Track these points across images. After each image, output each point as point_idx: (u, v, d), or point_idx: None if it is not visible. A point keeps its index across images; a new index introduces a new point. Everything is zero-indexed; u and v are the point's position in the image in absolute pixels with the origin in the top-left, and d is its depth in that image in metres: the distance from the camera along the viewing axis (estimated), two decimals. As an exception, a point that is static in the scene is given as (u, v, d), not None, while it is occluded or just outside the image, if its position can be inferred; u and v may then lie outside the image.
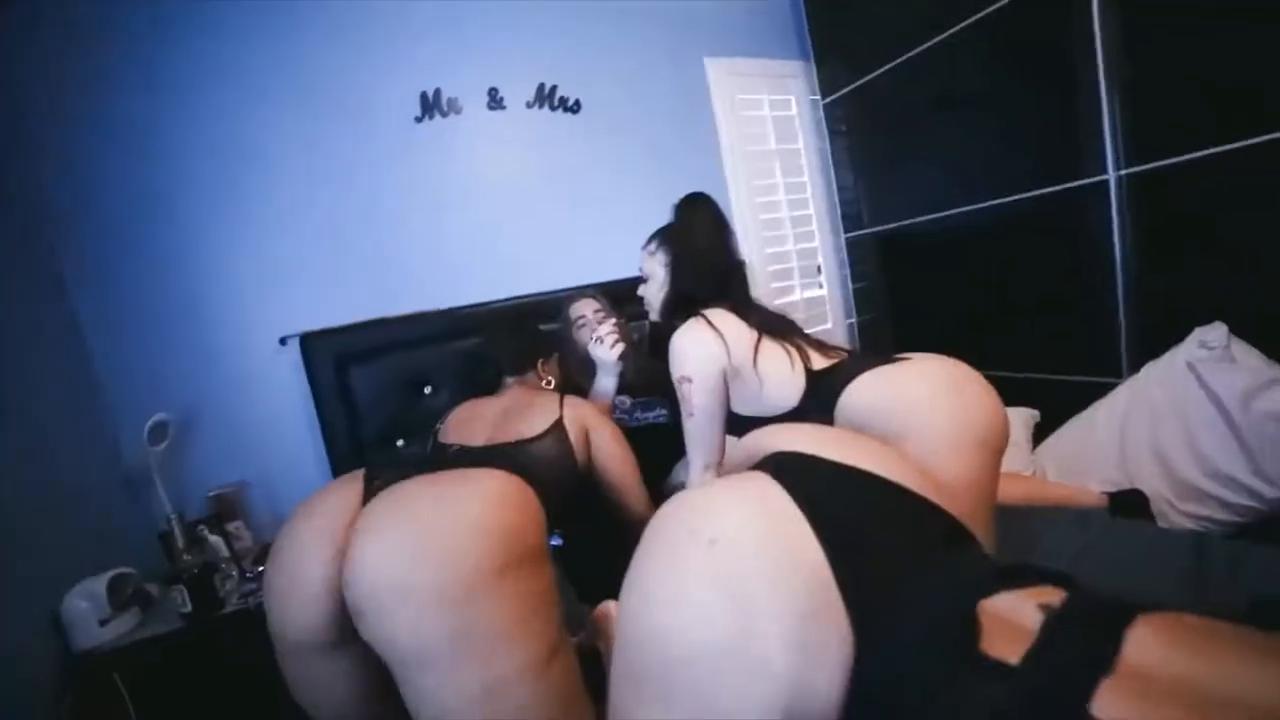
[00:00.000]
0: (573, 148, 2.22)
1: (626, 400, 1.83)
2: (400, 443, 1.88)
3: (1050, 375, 2.00)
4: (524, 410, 1.32)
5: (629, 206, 2.29)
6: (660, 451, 1.72)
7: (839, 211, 2.63)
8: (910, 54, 2.15)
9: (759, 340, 1.28)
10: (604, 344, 1.64)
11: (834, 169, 2.60)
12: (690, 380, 1.27)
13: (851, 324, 2.78)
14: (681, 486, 1.56)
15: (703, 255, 1.40)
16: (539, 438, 1.25)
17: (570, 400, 1.37)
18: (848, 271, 2.69)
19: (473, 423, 1.35)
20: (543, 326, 1.92)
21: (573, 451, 1.28)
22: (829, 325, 2.74)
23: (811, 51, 2.54)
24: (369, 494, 1.00)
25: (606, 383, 1.68)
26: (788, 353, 1.28)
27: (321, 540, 0.92)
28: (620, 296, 2.04)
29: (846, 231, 2.63)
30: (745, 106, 2.53)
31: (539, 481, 1.04)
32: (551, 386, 1.53)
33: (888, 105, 2.33)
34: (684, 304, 1.38)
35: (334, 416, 1.81)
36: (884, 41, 2.24)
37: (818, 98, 2.58)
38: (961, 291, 2.24)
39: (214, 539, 1.55)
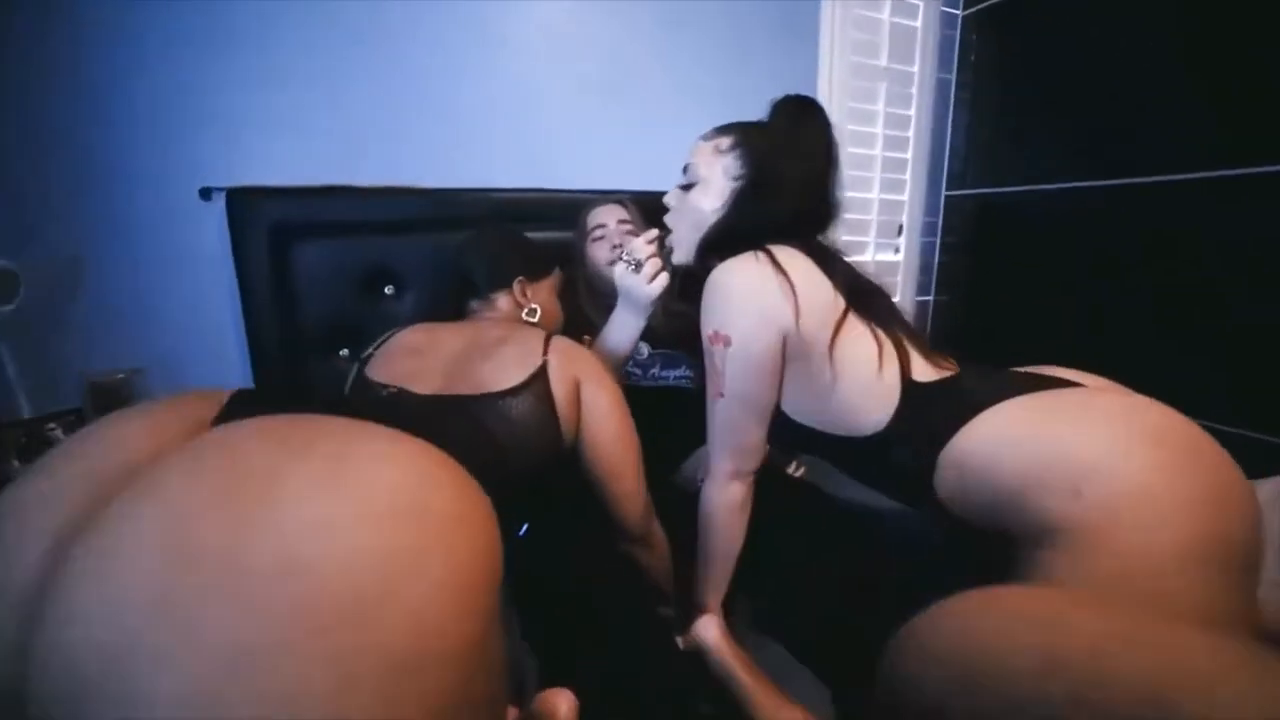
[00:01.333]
0: (632, 16, 1.67)
1: (644, 348, 1.39)
2: (343, 352, 1.46)
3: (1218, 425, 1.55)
4: (494, 349, 0.90)
5: (686, 103, 1.78)
6: (675, 426, 1.30)
7: (946, 162, 2.10)
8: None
9: (845, 312, 0.85)
10: (637, 269, 1.07)
11: (954, 107, 2.05)
12: (728, 340, 0.85)
13: (925, 303, 2.29)
14: (695, 486, 1.15)
15: (797, 185, 0.94)
16: (513, 392, 0.84)
17: (558, 343, 0.94)
18: (937, 239, 2.18)
19: (421, 356, 0.92)
20: (533, 235, 1.47)
21: (557, 417, 0.87)
22: (896, 299, 2.26)
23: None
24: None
25: (628, 326, 1.15)
26: (878, 344, 0.85)
27: (41, 524, 0.45)
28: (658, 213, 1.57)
29: (949, 189, 2.10)
30: (862, 3, 1.96)
31: (508, 456, 0.79)
32: (535, 318, 1.09)
33: (1051, 28, 1.76)
34: (737, 241, 0.93)
35: (262, 303, 1.38)
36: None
37: (955, 10, 2.00)
38: (1091, 288, 1.75)
39: (65, 440, 1.15)
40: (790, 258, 0.87)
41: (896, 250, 2.25)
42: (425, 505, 0.44)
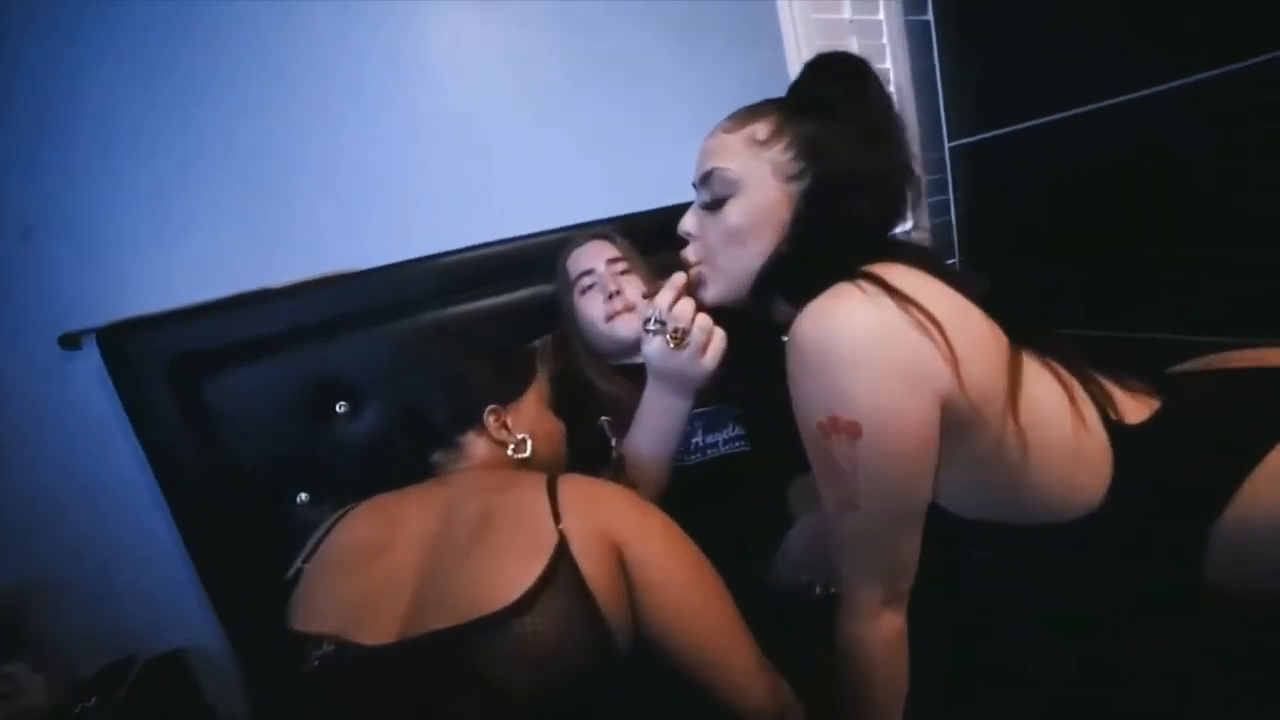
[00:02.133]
0: (556, 22, 1.40)
1: None
2: (302, 498, 1.13)
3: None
4: (480, 534, 0.59)
5: (648, 98, 1.50)
6: (743, 508, 1.00)
7: (942, 112, 1.85)
8: None
9: (1014, 350, 0.60)
10: (679, 340, 0.75)
11: (937, 49, 1.81)
12: (855, 429, 0.56)
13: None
14: (800, 589, 0.85)
15: (883, 172, 0.66)
16: (525, 603, 0.53)
17: (572, 491, 0.63)
18: (949, 196, 1.92)
19: (370, 568, 0.61)
20: (508, 297, 1.19)
21: (600, 613, 0.56)
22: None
23: None
24: None
25: (671, 413, 0.85)
26: (1062, 384, 0.60)
27: None
28: (652, 236, 1.28)
29: (952, 140, 1.85)
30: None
31: (537, 699, 0.52)
32: (526, 451, 0.76)
33: None
34: (817, 268, 0.63)
35: (177, 462, 1.05)
36: None
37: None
38: (1132, 224, 1.51)
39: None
40: (909, 279, 0.58)
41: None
42: None
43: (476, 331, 0.91)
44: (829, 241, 0.65)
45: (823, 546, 0.89)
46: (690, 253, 0.76)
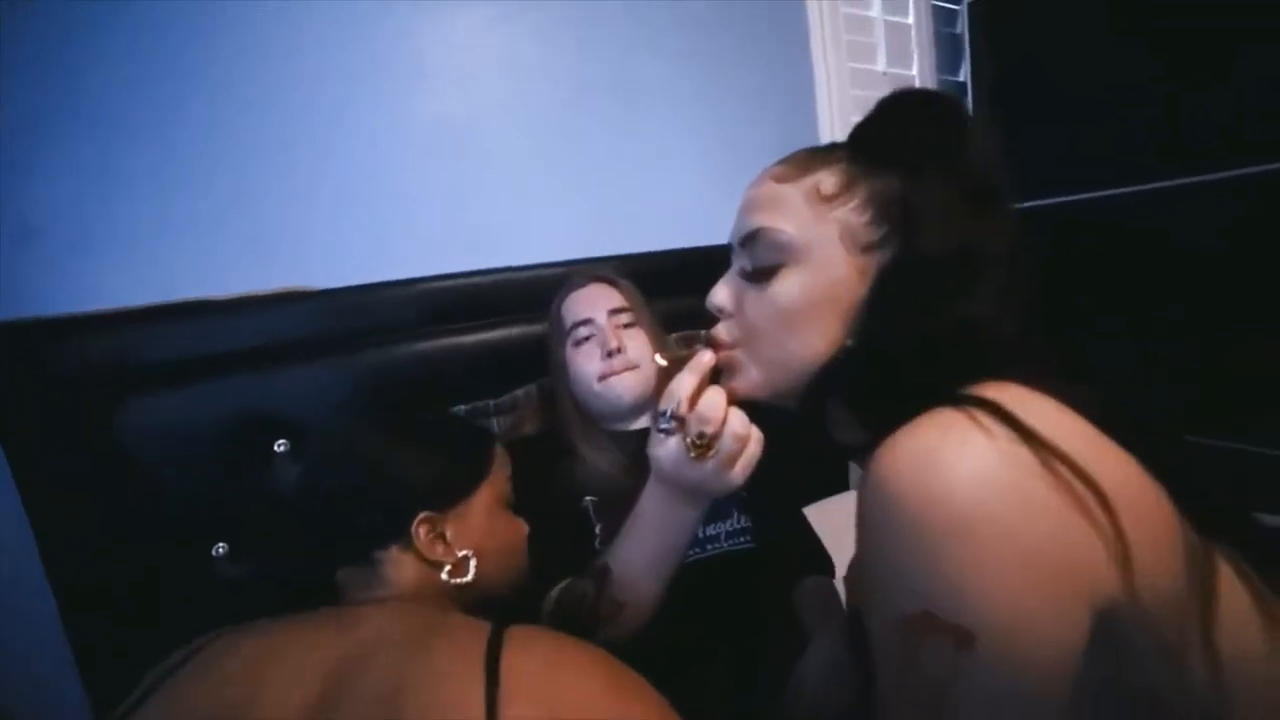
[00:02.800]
0: (574, 22, 1.28)
1: None
2: (220, 549, 0.94)
3: None
4: (370, 713, 0.40)
5: (666, 138, 1.39)
6: (746, 618, 0.84)
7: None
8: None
9: (1202, 539, 0.40)
10: (702, 448, 0.56)
11: (973, 111, 1.73)
12: (965, 637, 0.36)
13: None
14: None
15: (1011, 267, 0.49)
16: None
17: (519, 658, 0.42)
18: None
19: None
20: (491, 335, 1.04)
21: None
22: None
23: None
24: None
25: (678, 523, 0.66)
26: (1249, 585, 0.41)
27: None
28: (656, 278, 1.14)
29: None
30: (849, 1, 1.63)
31: None
32: (467, 575, 0.58)
33: (1075, 15, 1.47)
34: (909, 383, 0.47)
35: (70, 500, 0.87)
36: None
37: (956, 4, 1.70)
38: (1157, 300, 1.41)
39: None
40: (1041, 411, 0.41)
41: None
42: None
43: (425, 409, 0.71)
44: (919, 342, 0.47)
45: (844, 682, 0.73)
46: (723, 332, 0.58)
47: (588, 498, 0.86)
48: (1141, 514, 0.38)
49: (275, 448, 0.97)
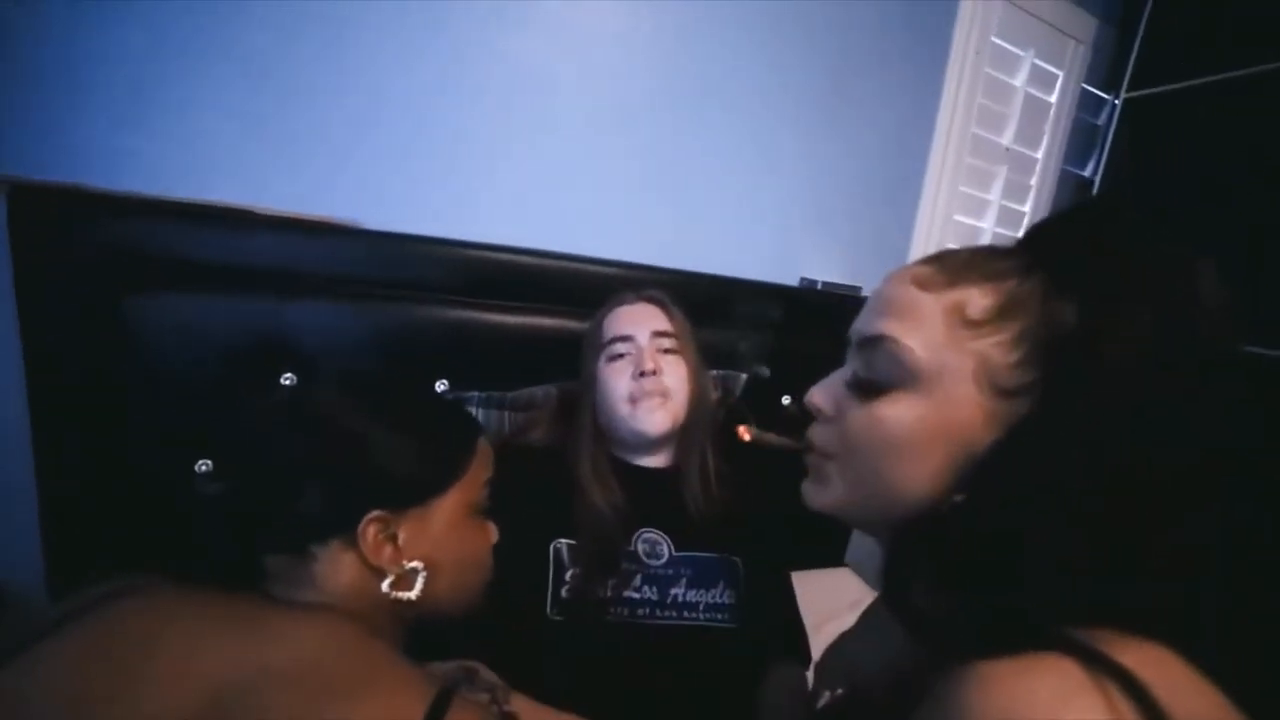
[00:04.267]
0: (702, 26, 1.18)
1: (663, 547, 0.85)
2: (203, 467, 0.91)
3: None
4: None
5: (762, 165, 1.29)
6: (705, 694, 0.78)
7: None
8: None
9: None
10: None
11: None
12: None
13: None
14: None
15: (1198, 485, 0.37)
16: None
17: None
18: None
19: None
20: (524, 321, 0.99)
21: None
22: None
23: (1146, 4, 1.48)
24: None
25: None
26: None
27: None
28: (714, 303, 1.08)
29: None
30: (996, 61, 1.50)
31: None
32: (413, 592, 0.50)
33: (1228, 127, 1.32)
34: (1021, 610, 0.36)
35: (65, 373, 0.84)
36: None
37: (1110, 95, 1.55)
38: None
39: None
40: (1171, 679, 0.32)
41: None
42: None
43: (410, 385, 0.61)
44: (1042, 531, 0.37)
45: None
46: (819, 435, 0.50)
47: (563, 540, 0.80)
48: None
49: (281, 379, 0.93)
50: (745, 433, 0.64)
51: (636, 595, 0.79)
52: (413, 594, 0.50)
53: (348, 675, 0.39)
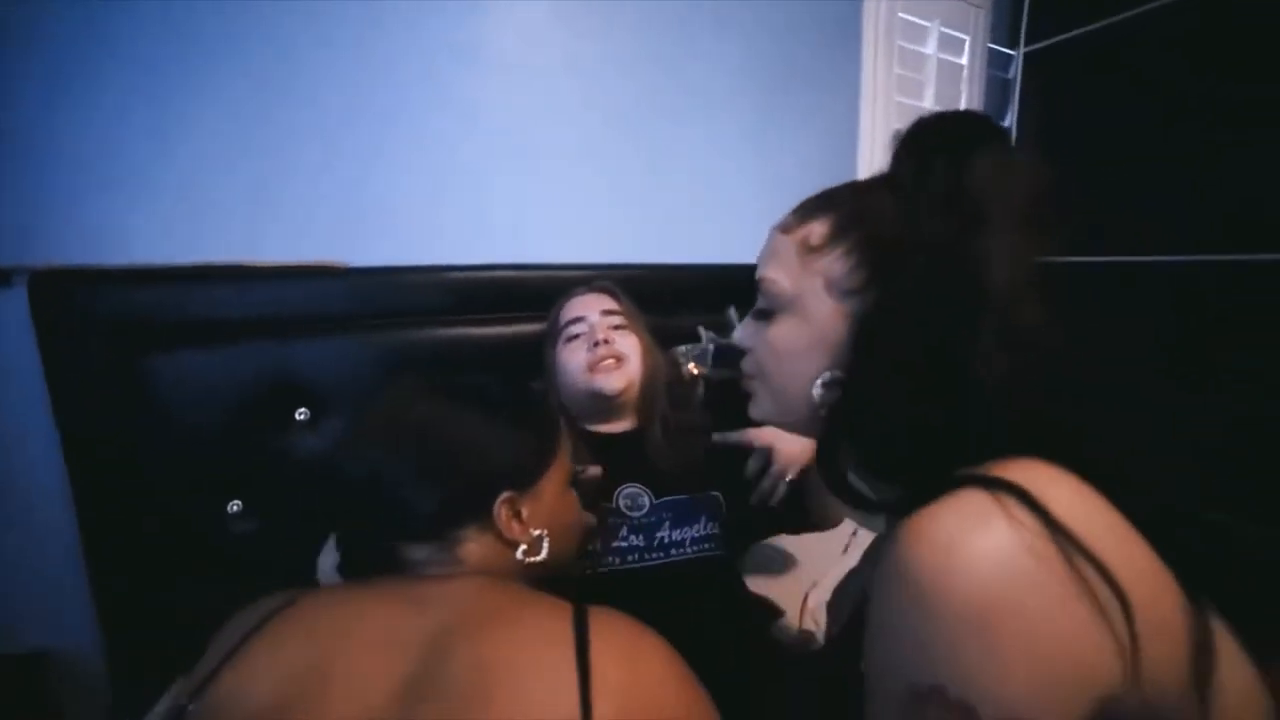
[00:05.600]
0: (633, 23, 1.28)
1: (644, 498, 0.94)
2: (235, 507, 0.98)
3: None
4: (470, 702, 0.40)
5: (698, 156, 1.39)
6: (718, 628, 0.88)
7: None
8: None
9: (1203, 615, 0.42)
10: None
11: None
12: (970, 715, 0.38)
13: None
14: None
15: (1012, 312, 0.46)
16: None
17: (608, 646, 0.45)
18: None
19: (304, 709, 0.43)
20: (513, 329, 1.06)
21: None
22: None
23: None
24: None
25: None
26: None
27: None
28: (666, 293, 1.17)
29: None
30: (906, 33, 1.62)
31: None
32: (541, 554, 0.59)
33: (1128, 69, 1.46)
34: (910, 441, 0.48)
35: (96, 445, 0.91)
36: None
37: (1012, 50, 1.69)
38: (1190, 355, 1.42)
39: None
40: (1067, 497, 0.41)
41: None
42: None
43: (492, 383, 0.66)
44: (899, 390, 0.47)
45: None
46: (746, 364, 0.62)
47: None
48: (1155, 613, 0.40)
49: (296, 415, 1.00)
50: (695, 368, 0.74)
51: (624, 544, 0.88)
52: (542, 556, 0.59)
53: (504, 606, 0.48)
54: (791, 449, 0.92)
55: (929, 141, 0.50)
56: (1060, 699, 0.38)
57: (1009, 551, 0.38)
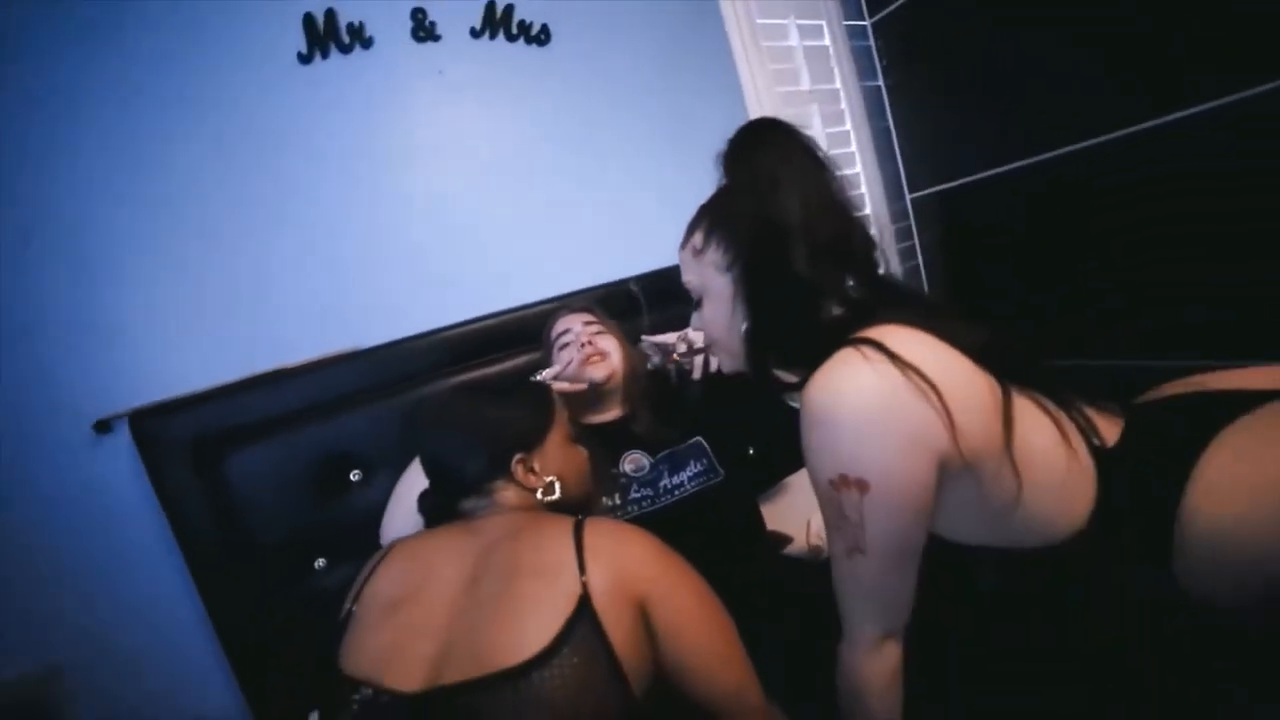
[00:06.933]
0: (542, 97, 1.54)
1: (644, 461, 1.15)
2: (320, 563, 1.20)
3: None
4: (508, 580, 0.64)
5: (628, 177, 1.63)
6: (725, 538, 1.09)
7: (900, 168, 2.00)
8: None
9: (1008, 395, 0.66)
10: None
11: (890, 111, 1.97)
12: (863, 485, 0.62)
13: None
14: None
15: (801, 220, 0.70)
16: (544, 657, 0.57)
17: (598, 536, 0.68)
18: (915, 242, 2.05)
19: (408, 614, 0.66)
20: (500, 367, 1.28)
21: (620, 671, 0.60)
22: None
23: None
24: None
25: None
26: (1054, 419, 0.67)
27: None
28: (622, 302, 1.40)
29: (912, 192, 2.00)
30: (769, 35, 1.88)
31: None
32: (555, 494, 0.81)
33: (957, 20, 1.71)
34: (804, 336, 0.72)
35: (200, 535, 1.13)
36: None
37: (861, 21, 1.95)
38: (1066, 255, 1.64)
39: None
40: (910, 343, 0.64)
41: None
42: None
43: (493, 379, 0.94)
44: (772, 309, 0.73)
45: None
46: (698, 339, 0.94)
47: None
48: (964, 394, 0.63)
49: (350, 477, 1.23)
50: (680, 343, 1.03)
51: (638, 496, 1.10)
52: (556, 496, 0.81)
53: (528, 524, 0.72)
54: (695, 336, 1.15)
55: (734, 150, 0.77)
56: (914, 456, 0.62)
57: (863, 375, 0.62)
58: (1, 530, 1.05)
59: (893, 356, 0.62)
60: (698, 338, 1.13)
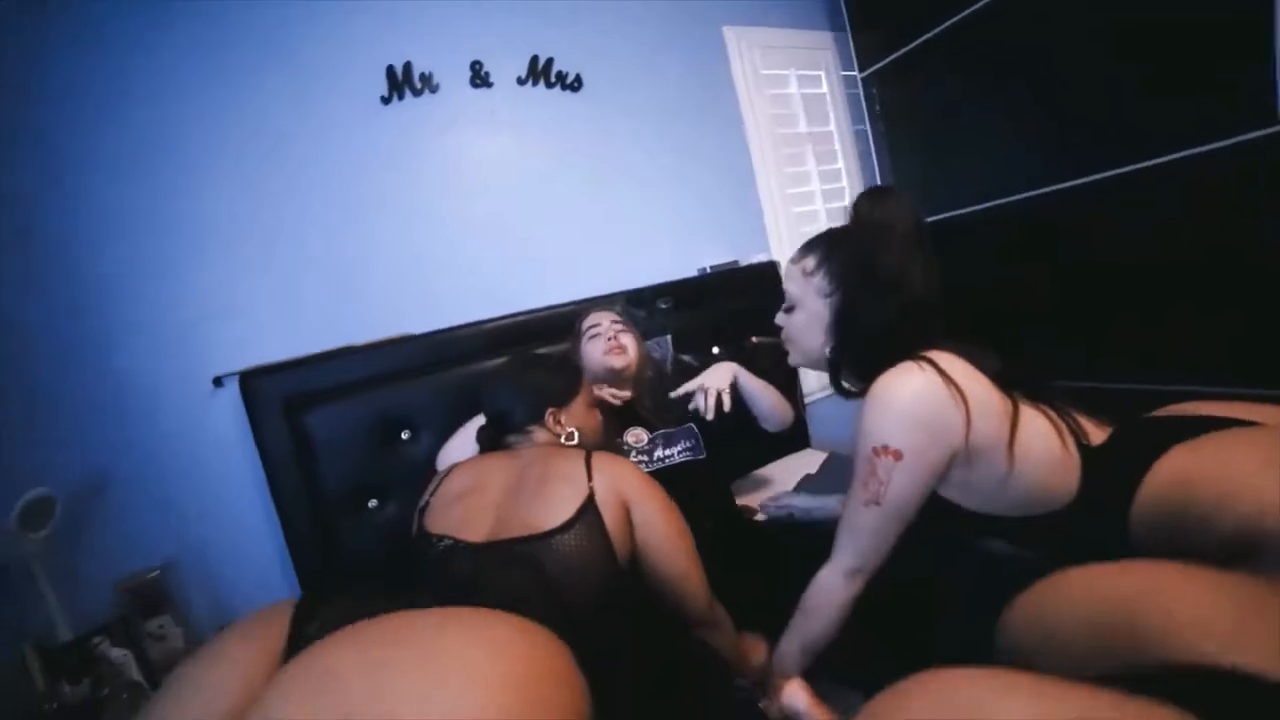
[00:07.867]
0: (575, 133, 1.85)
1: (644, 436, 1.45)
2: (373, 503, 1.49)
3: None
4: (539, 485, 0.93)
5: (645, 200, 1.93)
6: (697, 498, 1.34)
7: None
8: (969, 10, 1.81)
9: (1015, 408, 0.88)
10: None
11: (875, 153, 2.25)
12: (899, 455, 0.86)
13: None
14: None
15: (901, 290, 0.94)
16: (563, 528, 0.86)
17: (601, 462, 0.97)
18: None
19: (470, 499, 0.95)
20: (542, 350, 1.56)
21: (610, 543, 0.89)
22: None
23: (846, 17, 2.19)
24: (292, 651, 0.63)
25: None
26: (1054, 425, 0.88)
27: None
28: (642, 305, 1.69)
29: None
30: (770, 84, 2.17)
31: (566, 589, 0.82)
32: (574, 441, 1.11)
33: (945, 70, 1.98)
34: (870, 351, 0.95)
35: (286, 473, 1.42)
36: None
37: (854, 72, 2.23)
38: (1061, 290, 1.88)
39: (118, 654, 1.15)
40: (953, 364, 0.87)
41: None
42: (516, 676, 0.55)
43: (550, 354, 1.29)
44: (857, 339, 0.96)
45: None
46: (784, 337, 1.10)
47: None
48: (983, 405, 0.85)
49: (402, 436, 1.52)
50: (754, 338, 1.38)
51: (634, 460, 1.37)
52: (575, 444, 1.10)
53: (554, 453, 1.01)
54: (713, 382, 1.41)
55: (859, 202, 1.04)
56: (938, 445, 0.86)
57: (915, 379, 0.86)
58: (136, 459, 1.35)
59: (940, 371, 0.86)
60: (713, 387, 1.39)
